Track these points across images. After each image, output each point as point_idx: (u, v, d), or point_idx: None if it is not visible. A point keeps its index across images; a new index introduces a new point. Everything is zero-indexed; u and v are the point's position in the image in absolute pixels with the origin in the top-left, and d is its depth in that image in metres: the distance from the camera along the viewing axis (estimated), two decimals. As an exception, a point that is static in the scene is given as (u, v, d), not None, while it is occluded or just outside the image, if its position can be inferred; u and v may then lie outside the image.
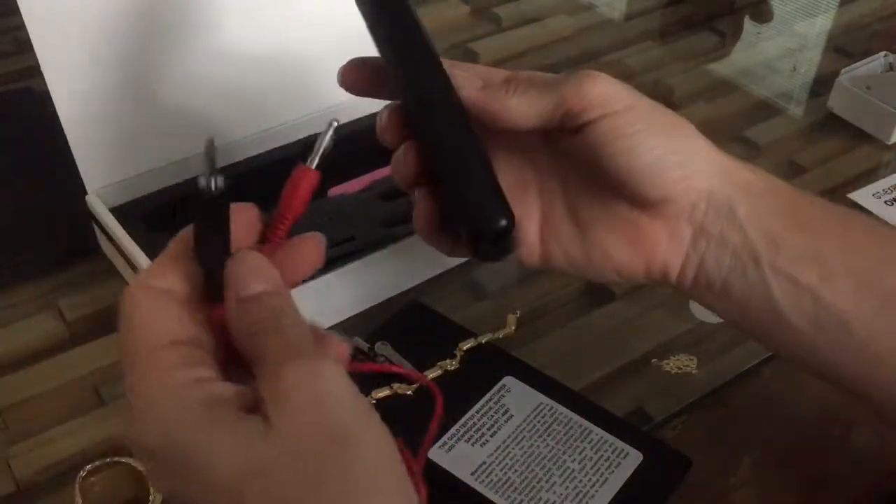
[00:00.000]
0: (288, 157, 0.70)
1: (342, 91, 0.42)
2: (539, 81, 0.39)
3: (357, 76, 0.41)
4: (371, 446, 0.30)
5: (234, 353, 0.33)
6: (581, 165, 0.41)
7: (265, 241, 0.35)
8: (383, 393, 0.55)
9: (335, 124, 0.36)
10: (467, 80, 0.39)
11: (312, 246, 0.36)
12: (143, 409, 0.31)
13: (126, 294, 0.33)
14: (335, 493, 0.29)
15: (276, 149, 0.70)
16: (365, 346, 0.57)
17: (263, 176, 0.69)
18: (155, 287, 0.33)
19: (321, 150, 0.36)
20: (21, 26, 0.58)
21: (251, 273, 0.33)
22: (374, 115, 0.78)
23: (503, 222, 0.37)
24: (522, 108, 0.38)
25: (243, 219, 0.35)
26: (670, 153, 0.39)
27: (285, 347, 0.31)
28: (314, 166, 0.36)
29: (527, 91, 0.39)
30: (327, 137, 0.36)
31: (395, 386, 0.55)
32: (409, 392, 0.55)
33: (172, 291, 0.33)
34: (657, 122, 0.39)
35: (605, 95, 0.38)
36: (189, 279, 0.33)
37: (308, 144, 0.38)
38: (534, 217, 0.43)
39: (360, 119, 0.73)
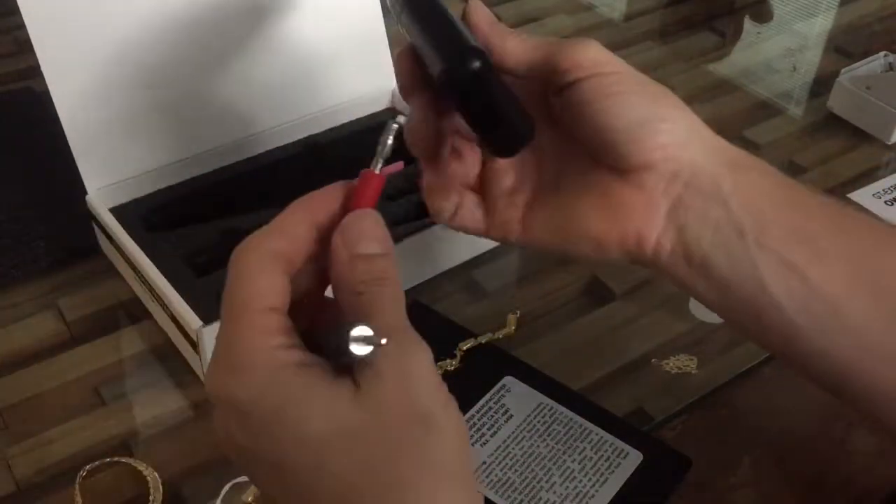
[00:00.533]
0: (288, 157, 0.70)
1: (343, 91, 0.42)
2: (538, 39, 0.40)
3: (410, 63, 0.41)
4: (449, 433, 0.32)
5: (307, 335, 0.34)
6: (567, 130, 0.41)
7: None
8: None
9: (395, 126, 0.36)
10: (480, 12, 0.40)
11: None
12: (239, 364, 0.32)
13: (240, 252, 0.34)
14: (411, 468, 0.31)
15: (275, 149, 0.70)
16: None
17: (263, 176, 0.70)
18: (267, 248, 0.34)
19: (384, 153, 0.36)
20: (21, 26, 0.58)
21: (368, 232, 0.34)
22: (374, 115, 0.79)
23: (476, 63, 0.36)
24: (517, 50, 0.39)
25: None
26: (656, 119, 0.39)
27: (385, 318, 0.32)
28: (377, 170, 0.36)
29: (526, 39, 0.40)
30: (390, 139, 0.36)
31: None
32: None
33: (281, 256, 0.34)
34: (645, 88, 0.40)
35: (595, 59, 0.39)
36: (299, 243, 0.35)
37: (308, 144, 0.38)
38: (523, 192, 0.43)
39: (359, 119, 0.73)
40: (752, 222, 0.38)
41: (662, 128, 0.39)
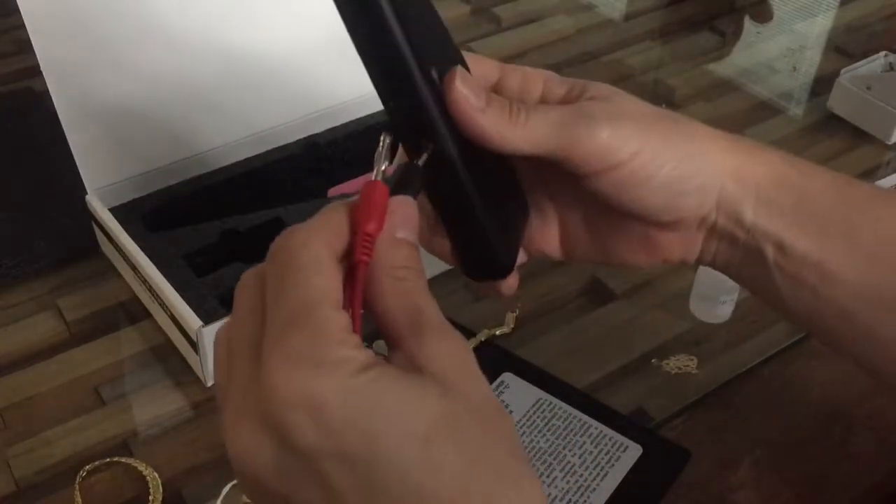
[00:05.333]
0: (288, 157, 0.70)
1: (342, 92, 0.42)
2: (542, 112, 0.37)
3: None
4: (514, 428, 0.32)
5: None
6: (593, 197, 0.41)
7: (351, 261, 0.33)
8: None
9: (388, 140, 0.35)
10: (466, 100, 0.35)
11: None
12: (325, 362, 0.29)
13: (297, 247, 0.31)
14: (510, 456, 0.30)
15: (275, 149, 0.70)
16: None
17: (263, 176, 0.70)
18: (325, 243, 0.31)
19: (381, 165, 0.34)
20: (21, 26, 0.58)
21: (412, 221, 0.33)
22: (373, 115, 0.79)
23: (494, 273, 0.38)
24: (524, 145, 0.37)
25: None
26: (681, 181, 0.39)
27: (431, 308, 0.31)
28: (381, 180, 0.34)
29: (532, 128, 0.37)
30: (384, 150, 0.34)
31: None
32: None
33: (335, 253, 0.31)
34: (666, 151, 0.39)
35: (608, 147, 0.37)
36: (344, 241, 0.32)
37: (308, 144, 0.38)
38: (552, 225, 0.43)
39: (359, 119, 0.73)
40: (772, 248, 0.41)
41: (690, 187, 0.39)
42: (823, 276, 0.40)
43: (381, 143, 0.34)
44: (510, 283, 0.41)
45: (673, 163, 0.39)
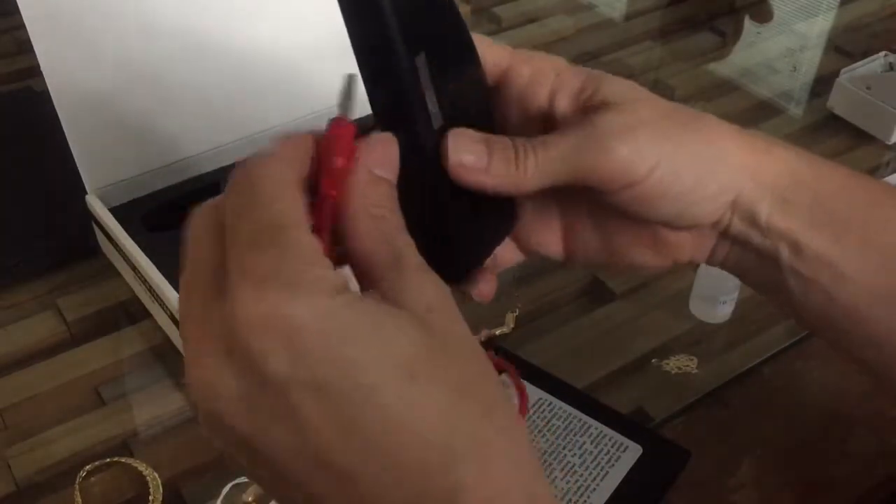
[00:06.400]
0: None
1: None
2: (552, 147, 0.36)
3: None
4: (494, 371, 0.30)
5: None
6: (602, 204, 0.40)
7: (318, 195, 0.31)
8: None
9: (349, 82, 0.33)
10: (467, 167, 0.34)
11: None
12: (298, 283, 0.26)
13: (260, 171, 0.29)
14: (485, 394, 0.29)
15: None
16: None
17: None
18: (288, 170, 0.29)
19: (349, 103, 0.32)
20: (21, 26, 0.58)
21: (391, 159, 0.32)
22: (373, 115, 0.78)
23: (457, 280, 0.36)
24: (539, 184, 0.36)
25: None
26: (699, 189, 0.38)
27: (409, 246, 0.30)
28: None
29: (538, 166, 0.35)
30: (349, 90, 0.33)
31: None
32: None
33: (299, 179, 0.30)
34: (684, 161, 0.37)
35: (625, 168, 0.36)
36: (304, 171, 0.30)
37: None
38: (554, 223, 0.42)
39: (359, 119, 0.73)
40: (787, 249, 0.39)
41: (708, 194, 0.38)
42: (837, 278, 0.40)
43: (344, 84, 0.33)
44: (483, 289, 0.38)
45: (691, 173, 0.38)
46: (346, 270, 0.30)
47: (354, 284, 0.30)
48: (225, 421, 0.27)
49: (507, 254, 0.41)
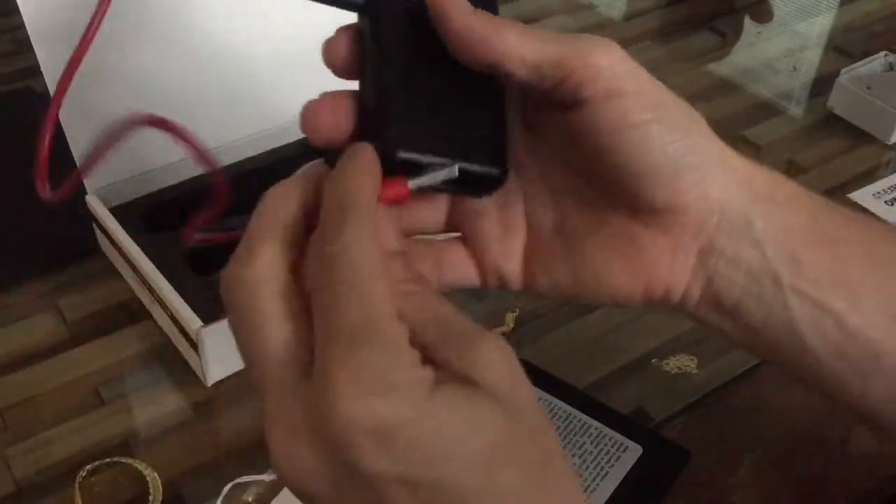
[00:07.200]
0: (288, 157, 0.70)
1: (342, 91, 0.42)
2: (542, 31, 0.33)
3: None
4: (555, 433, 0.32)
5: None
6: (573, 160, 0.35)
7: None
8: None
9: None
10: (454, 4, 0.32)
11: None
12: (385, 384, 0.27)
13: (346, 242, 0.29)
14: (554, 472, 0.30)
15: (275, 149, 0.70)
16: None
17: (263, 176, 0.69)
18: (375, 248, 0.29)
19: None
20: (21, 26, 0.58)
21: (388, 229, 0.32)
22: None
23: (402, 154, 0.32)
24: (520, 48, 0.32)
25: None
26: (686, 153, 0.33)
27: (463, 318, 0.30)
28: None
29: (530, 32, 0.32)
30: None
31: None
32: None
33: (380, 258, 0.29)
34: (672, 114, 0.33)
35: (617, 70, 0.32)
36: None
37: (308, 144, 0.37)
38: (518, 235, 0.37)
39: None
40: (787, 267, 0.35)
41: (695, 163, 0.33)
42: (852, 298, 0.35)
43: None
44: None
45: (679, 127, 0.33)
46: None
47: None
48: (313, 493, 0.28)
49: (460, 271, 0.38)
